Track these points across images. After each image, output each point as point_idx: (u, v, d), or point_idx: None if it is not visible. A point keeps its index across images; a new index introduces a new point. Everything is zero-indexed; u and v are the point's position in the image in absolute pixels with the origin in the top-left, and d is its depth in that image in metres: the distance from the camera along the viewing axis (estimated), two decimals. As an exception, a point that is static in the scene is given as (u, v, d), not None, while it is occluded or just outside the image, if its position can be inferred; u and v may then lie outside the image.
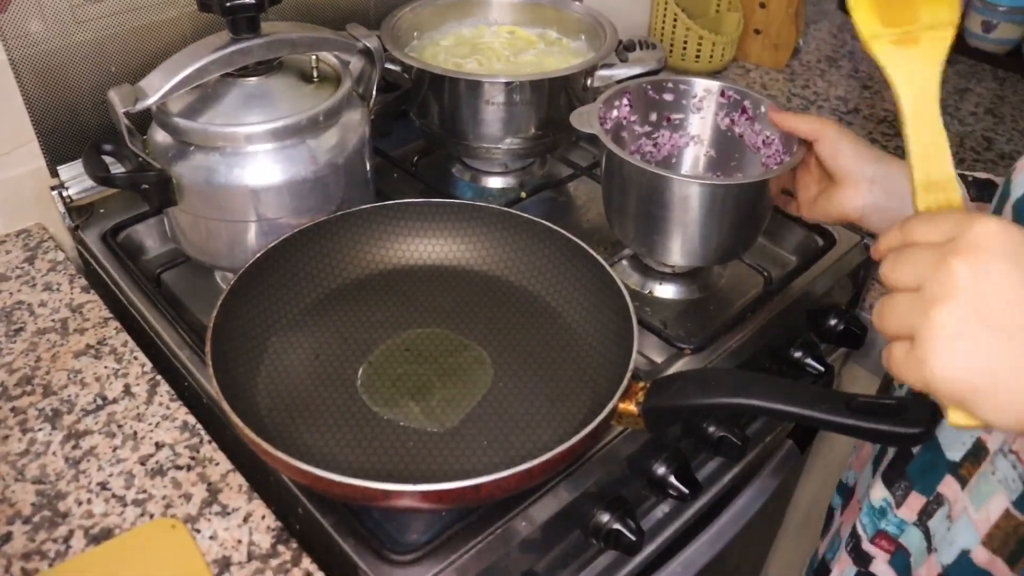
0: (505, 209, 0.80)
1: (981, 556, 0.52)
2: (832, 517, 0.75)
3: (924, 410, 0.52)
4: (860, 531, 0.62)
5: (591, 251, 0.74)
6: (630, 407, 0.60)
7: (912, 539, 0.58)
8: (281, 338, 0.73)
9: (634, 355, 0.63)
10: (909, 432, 0.51)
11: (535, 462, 0.55)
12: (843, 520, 0.71)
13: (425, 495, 0.54)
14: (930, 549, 0.56)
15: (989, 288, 0.38)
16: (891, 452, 0.61)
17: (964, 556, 0.53)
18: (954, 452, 0.54)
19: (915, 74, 0.50)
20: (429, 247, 0.82)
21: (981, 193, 0.67)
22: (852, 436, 0.65)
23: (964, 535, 0.53)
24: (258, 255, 0.72)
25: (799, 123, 0.74)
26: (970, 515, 0.52)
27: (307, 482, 0.57)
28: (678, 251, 0.80)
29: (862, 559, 0.62)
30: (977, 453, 0.53)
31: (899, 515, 0.58)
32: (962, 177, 0.67)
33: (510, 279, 0.80)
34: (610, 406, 0.59)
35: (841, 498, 0.73)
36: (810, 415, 0.54)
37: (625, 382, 0.60)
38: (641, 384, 0.61)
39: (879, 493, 0.60)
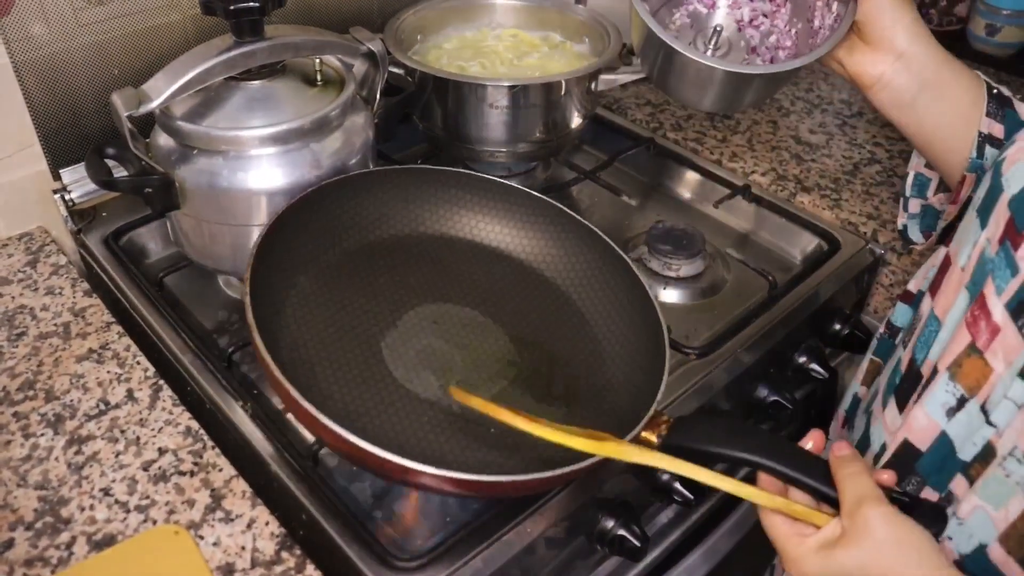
0: (555, 204, 0.79)
1: (997, 554, 0.52)
2: None
3: (935, 517, 0.51)
4: None
5: (635, 270, 0.73)
6: (651, 438, 0.59)
7: None
8: (312, 280, 0.72)
9: (663, 386, 0.62)
10: None
11: (557, 472, 0.54)
12: None
13: (441, 479, 0.53)
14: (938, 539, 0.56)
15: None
16: (895, 448, 0.61)
17: (981, 550, 0.53)
18: (965, 452, 0.55)
19: None
20: (472, 222, 0.81)
21: (999, 108, 0.66)
22: None
23: (982, 530, 0.53)
24: (306, 192, 0.71)
25: None
26: (988, 512, 0.52)
27: (324, 437, 0.56)
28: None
29: None
30: (986, 455, 0.53)
31: None
32: (988, 88, 0.66)
33: (547, 275, 0.79)
34: (633, 433, 0.58)
35: None
36: (830, 493, 0.53)
37: (651, 411, 0.60)
38: (665, 417, 0.60)
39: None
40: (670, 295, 0.88)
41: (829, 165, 1.07)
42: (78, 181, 0.87)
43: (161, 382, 0.72)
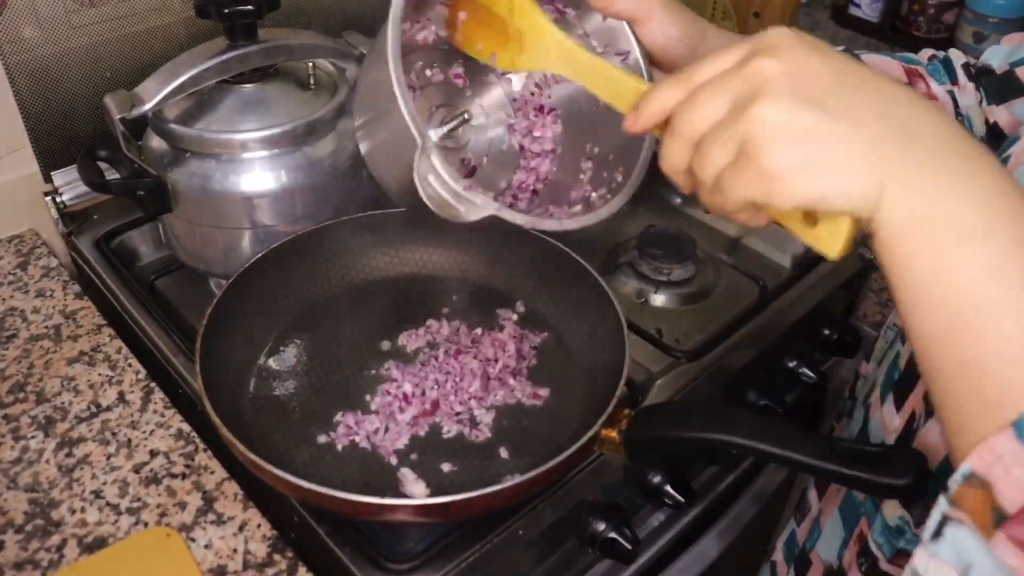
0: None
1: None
2: (805, 498, 0.74)
3: (912, 461, 0.51)
4: (876, 551, 0.59)
5: (589, 267, 0.73)
6: (612, 434, 0.58)
7: None
8: (272, 344, 0.73)
9: (623, 382, 0.62)
10: (894, 483, 0.50)
11: (506, 484, 0.55)
12: (823, 507, 0.70)
13: (391, 509, 0.55)
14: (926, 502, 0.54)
15: (803, 72, 0.36)
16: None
17: None
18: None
19: (546, 55, 0.54)
20: (423, 255, 0.82)
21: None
22: (835, 482, 0.64)
23: None
24: (249, 262, 0.72)
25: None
26: None
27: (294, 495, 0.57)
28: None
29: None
30: None
31: (919, 533, 0.57)
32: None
33: (503, 289, 0.80)
34: (591, 432, 0.58)
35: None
36: (792, 457, 0.52)
37: (610, 408, 0.59)
38: (626, 411, 0.59)
39: (894, 511, 0.58)
40: (661, 299, 0.88)
41: (819, 171, 1.07)
42: (69, 183, 0.87)
43: (152, 384, 0.72)
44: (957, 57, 0.67)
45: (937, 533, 0.37)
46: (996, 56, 0.64)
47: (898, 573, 0.58)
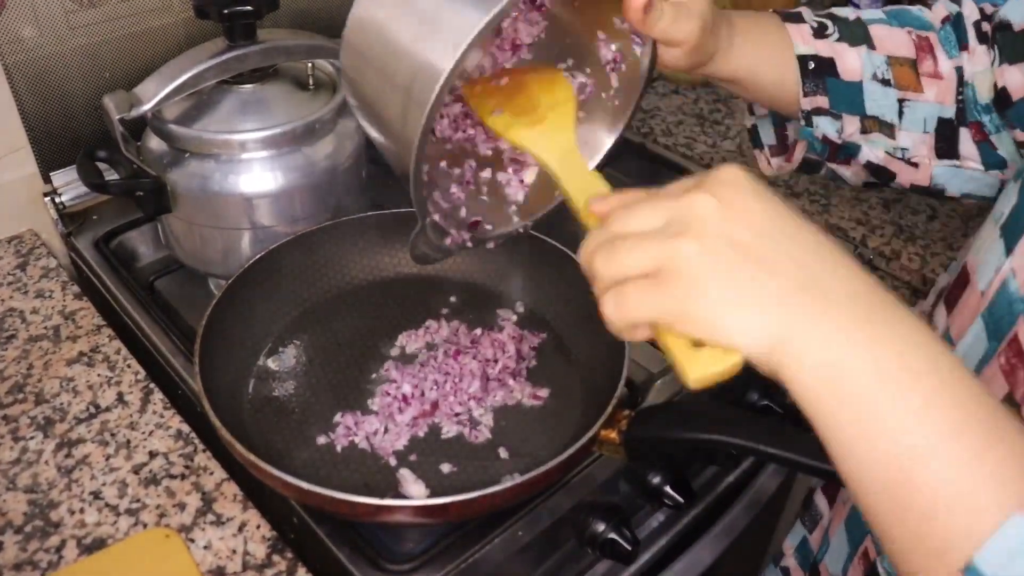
0: None
1: None
2: (814, 503, 0.73)
3: None
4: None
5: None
6: (612, 435, 0.59)
7: None
8: (271, 345, 0.73)
9: (623, 382, 0.62)
10: None
11: (505, 485, 0.55)
12: (832, 518, 0.69)
13: (389, 509, 0.55)
14: None
15: (736, 215, 0.36)
16: None
17: None
18: None
19: (552, 143, 0.54)
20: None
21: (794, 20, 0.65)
22: (834, 483, 0.64)
23: None
24: (249, 263, 0.72)
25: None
26: None
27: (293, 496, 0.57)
28: None
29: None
30: None
31: None
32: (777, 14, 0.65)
33: (502, 290, 0.80)
34: (591, 433, 0.58)
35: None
36: (791, 458, 0.52)
37: (610, 409, 0.59)
38: (626, 412, 0.60)
39: None
40: (661, 299, 0.88)
41: (818, 171, 1.07)
42: (69, 184, 0.87)
43: (152, 385, 0.72)
44: (970, 13, 0.64)
45: None
46: (1016, 10, 0.60)
47: None
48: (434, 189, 0.59)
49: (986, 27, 0.63)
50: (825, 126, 0.65)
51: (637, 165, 1.09)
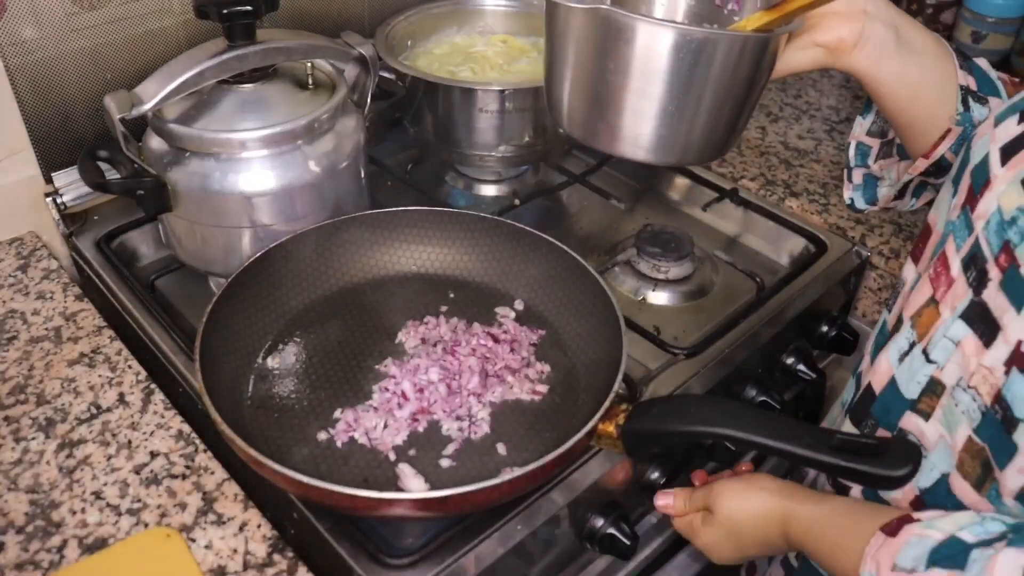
0: (495, 218, 0.80)
1: (956, 484, 0.55)
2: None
3: (907, 452, 0.52)
4: None
5: (586, 265, 0.74)
6: (609, 428, 0.60)
7: None
8: (271, 343, 0.73)
9: (620, 376, 0.62)
10: (890, 475, 0.52)
11: (504, 479, 0.55)
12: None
13: (389, 503, 0.55)
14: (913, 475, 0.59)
15: (727, 525, 0.64)
16: (856, 394, 0.66)
17: (943, 481, 0.56)
18: (911, 391, 0.58)
19: None
20: (421, 255, 0.82)
21: (963, 60, 0.68)
22: (832, 474, 0.66)
23: (942, 461, 0.56)
24: (249, 262, 0.72)
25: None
26: (946, 442, 0.56)
27: (295, 491, 0.58)
28: (635, 140, 0.64)
29: (838, 486, 0.67)
30: (933, 388, 0.57)
31: None
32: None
33: (501, 286, 0.80)
34: (589, 426, 0.59)
35: None
36: (789, 450, 0.54)
37: (608, 402, 0.60)
38: (623, 406, 0.60)
39: (849, 429, 0.65)
40: (659, 297, 0.89)
41: (817, 170, 1.08)
42: (70, 184, 0.87)
43: (153, 386, 0.73)
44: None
45: None
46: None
47: (852, 484, 0.65)
48: None
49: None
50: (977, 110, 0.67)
51: (635, 163, 1.09)
